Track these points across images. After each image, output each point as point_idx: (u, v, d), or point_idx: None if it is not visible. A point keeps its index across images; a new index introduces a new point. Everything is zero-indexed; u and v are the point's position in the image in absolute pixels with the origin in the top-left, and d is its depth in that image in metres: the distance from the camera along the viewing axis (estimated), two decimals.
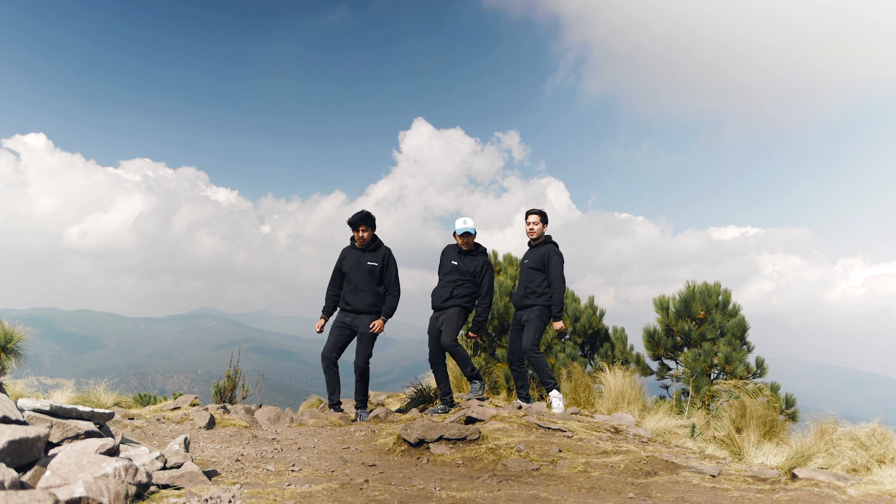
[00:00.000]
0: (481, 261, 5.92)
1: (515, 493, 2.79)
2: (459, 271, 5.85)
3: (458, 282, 5.83)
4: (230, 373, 7.27)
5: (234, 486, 2.49)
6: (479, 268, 5.87)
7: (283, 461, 3.57)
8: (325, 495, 2.54)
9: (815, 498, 2.77)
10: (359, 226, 5.61)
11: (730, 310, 7.59)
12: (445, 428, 4.05)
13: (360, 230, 5.62)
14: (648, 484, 3.13)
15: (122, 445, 2.81)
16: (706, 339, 7.35)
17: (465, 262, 5.88)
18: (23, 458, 2.16)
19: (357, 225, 5.62)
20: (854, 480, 3.16)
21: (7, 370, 6.02)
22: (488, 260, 6.00)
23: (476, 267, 5.87)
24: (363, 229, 5.62)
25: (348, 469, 3.44)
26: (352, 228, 5.66)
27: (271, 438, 4.42)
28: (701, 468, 3.48)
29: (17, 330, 6.20)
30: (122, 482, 2.11)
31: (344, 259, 5.77)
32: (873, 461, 3.92)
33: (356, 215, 5.62)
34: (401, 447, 4.00)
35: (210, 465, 3.24)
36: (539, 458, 3.66)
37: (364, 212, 5.64)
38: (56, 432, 2.52)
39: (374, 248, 5.70)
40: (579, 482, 3.11)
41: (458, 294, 5.80)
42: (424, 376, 6.94)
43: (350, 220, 5.66)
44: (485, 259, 5.97)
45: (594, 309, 8.10)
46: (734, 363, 7.13)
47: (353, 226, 5.64)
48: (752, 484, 3.18)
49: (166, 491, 2.38)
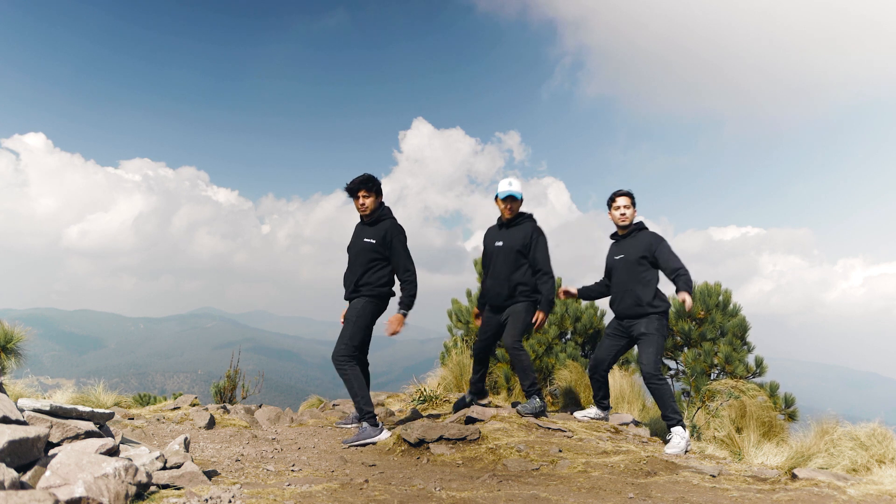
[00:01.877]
0: (529, 228, 4.83)
1: (515, 493, 2.79)
2: (506, 251, 4.81)
3: (515, 265, 4.78)
4: (230, 373, 7.27)
5: (234, 486, 2.49)
6: (528, 237, 4.79)
7: (283, 461, 3.57)
8: (325, 495, 2.54)
9: (815, 498, 2.77)
10: (358, 191, 4.61)
11: (730, 310, 7.58)
12: (445, 428, 4.05)
13: (361, 196, 4.61)
14: (648, 484, 3.13)
15: (122, 445, 2.81)
16: (706, 339, 7.35)
17: (510, 237, 4.83)
18: (23, 458, 2.16)
19: (356, 191, 4.62)
20: (854, 480, 3.16)
21: (7, 370, 6.02)
22: (537, 226, 4.87)
23: (525, 237, 4.79)
24: (363, 195, 4.61)
25: (348, 469, 3.44)
26: (350, 196, 4.65)
27: (271, 438, 4.42)
28: (701, 468, 3.48)
29: (17, 330, 6.20)
30: (122, 482, 2.11)
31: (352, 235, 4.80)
32: (873, 461, 3.92)
33: (355, 179, 4.63)
34: (401, 447, 4.00)
35: (210, 465, 3.24)
36: (539, 458, 3.66)
37: (365, 175, 4.62)
38: (56, 432, 2.52)
39: (375, 220, 4.65)
40: (579, 482, 3.11)
41: (521, 283, 4.76)
42: (424, 376, 6.94)
43: (348, 185, 4.64)
44: (532, 226, 4.86)
45: (595, 309, 8.09)
46: (734, 363, 7.13)
47: (352, 192, 4.63)
48: (752, 484, 3.18)
49: (166, 491, 2.38)
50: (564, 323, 7.80)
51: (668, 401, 4.47)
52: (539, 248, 4.79)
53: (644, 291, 4.62)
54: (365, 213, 4.64)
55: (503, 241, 4.86)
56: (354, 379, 4.41)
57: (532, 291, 4.79)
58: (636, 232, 4.80)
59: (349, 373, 4.41)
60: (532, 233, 4.80)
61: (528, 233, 4.80)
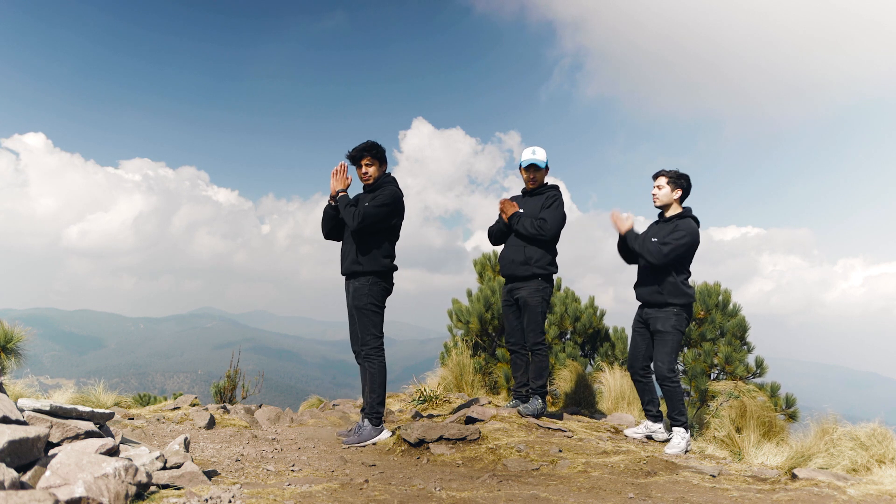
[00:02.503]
0: (548, 192, 4.67)
1: (515, 493, 2.79)
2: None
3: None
4: (230, 373, 7.27)
5: (234, 486, 2.49)
6: (546, 199, 4.63)
7: (283, 461, 3.57)
8: (325, 495, 2.54)
9: (815, 498, 2.77)
10: (361, 159, 4.29)
11: (730, 310, 7.59)
12: (445, 428, 4.05)
13: (364, 164, 4.30)
14: (648, 484, 3.13)
15: (122, 445, 2.81)
16: (706, 339, 7.35)
17: (530, 206, 4.67)
18: (23, 458, 2.16)
19: (359, 159, 4.29)
20: (854, 480, 3.16)
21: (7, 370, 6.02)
22: (558, 192, 4.68)
23: (542, 204, 4.62)
24: (367, 163, 4.30)
25: (348, 469, 3.44)
26: (353, 164, 4.34)
27: (271, 438, 4.42)
28: (701, 468, 3.48)
29: (17, 330, 6.20)
30: (122, 482, 2.11)
31: None
32: (873, 461, 3.92)
33: (357, 146, 4.30)
34: (401, 447, 4.00)
35: (210, 465, 3.24)
36: (539, 458, 3.66)
37: (368, 141, 4.31)
38: (56, 432, 2.52)
39: (375, 187, 4.33)
40: (579, 482, 3.11)
41: (536, 255, 4.55)
42: (424, 376, 6.95)
43: (350, 152, 4.31)
44: (553, 193, 4.67)
45: (594, 309, 8.10)
46: (734, 363, 7.13)
47: (355, 160, 4.31)
48: (752, 484, 3.18)
49: (166, 491, 2.38)
50: (564, 323, 7.81)
51: (678, 403, 4.44)
52: (552, 209, 4.58)
53: (664, 278, 4.41)
54: (368, 181, 4.35)
55: (524, 209, 4.71)
56: (382, 372, 4.28)
57: (548, 264, 4.60)
58: (676, 219, 4.48)
59: (378, 365, 4.28)
60: (550, 195, 4.65)
61: (545, 197, 4.65)
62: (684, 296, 4.40)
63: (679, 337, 4.43)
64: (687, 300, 4.41)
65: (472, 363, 7.02)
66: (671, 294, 4.40)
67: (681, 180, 4.50)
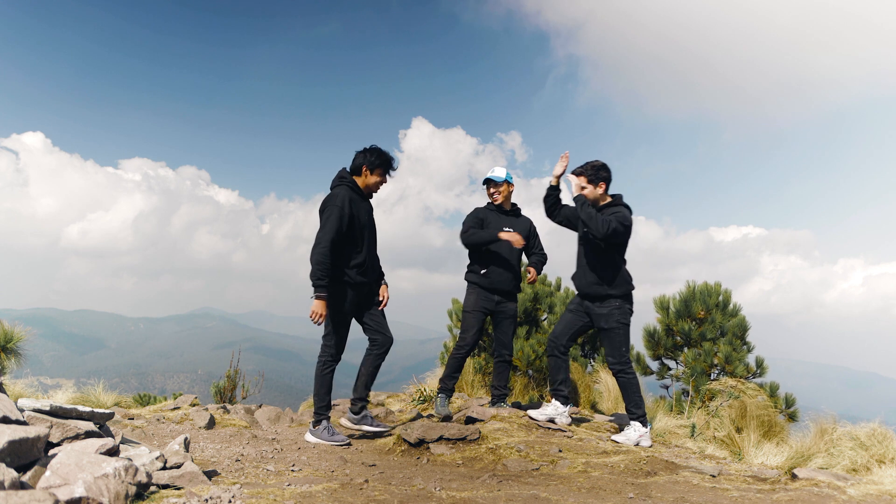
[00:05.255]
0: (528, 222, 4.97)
1: (515, 493, 2.79)
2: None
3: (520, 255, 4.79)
4: (230, 373, 7.27)
5: (234, 486, 2.49)
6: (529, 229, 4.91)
7: (283, 461, 3.57)
8: (325, 495, 2.54)
9: (815, 498, 2.77)
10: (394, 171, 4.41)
11: (730, 310, 7.59)
12: (445, 428, 4.05)
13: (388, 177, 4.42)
14: (648, 484, 3.13)
15: (122, 445, 2.81)
16: (706, 339, 7.35)
17: (518, 226, 4.84)
18: (23, 458, 2.15)
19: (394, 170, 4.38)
20: (854, 480, 3.16)
21: (7, 370, 6.02)
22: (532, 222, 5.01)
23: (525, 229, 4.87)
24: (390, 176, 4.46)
25: (348, 469, 3.44)
26: (385, 171, 4.33)
27: (271, 438, 4.42)
28: (701, 468, 3.48)
29: (17, 330, 6.21)
30: (122, 482, 2.11)
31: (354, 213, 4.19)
32: (873, 461, 3.92)
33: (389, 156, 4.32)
34: (401, 447, 4.00)
35: (210, 465, 3.24)
36: (539, 458, 3.66)
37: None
38: (56, 432, 2.52)
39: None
40: (579, 482, 3.11)
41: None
42: (424, 376, 6.94)
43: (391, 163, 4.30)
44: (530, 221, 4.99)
45: None
46: (734, 363, 7.13)
47: (392, 170, 4.36)
48: (752, 484, 3.18)
49: (166, 491, 2.38)
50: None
51: (633, 395, 4.33)
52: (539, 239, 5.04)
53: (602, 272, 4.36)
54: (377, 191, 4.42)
55: (513, 228, 4.78)
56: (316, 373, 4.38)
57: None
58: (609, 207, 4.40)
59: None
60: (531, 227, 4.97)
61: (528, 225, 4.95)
62: (625, 284, 4.33)
63: (626, 329, 4.34)
64: (627, 289, 4.34)
65: (472, 363, 7.03)
66: (612, 283, 4.31)
67: (600, 172, 4.34)
